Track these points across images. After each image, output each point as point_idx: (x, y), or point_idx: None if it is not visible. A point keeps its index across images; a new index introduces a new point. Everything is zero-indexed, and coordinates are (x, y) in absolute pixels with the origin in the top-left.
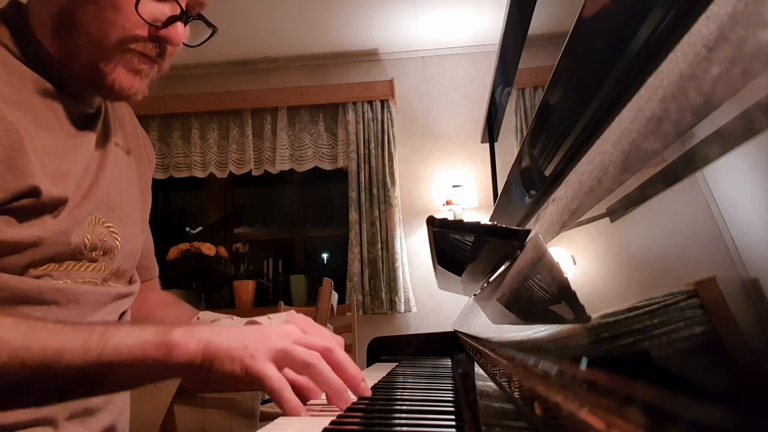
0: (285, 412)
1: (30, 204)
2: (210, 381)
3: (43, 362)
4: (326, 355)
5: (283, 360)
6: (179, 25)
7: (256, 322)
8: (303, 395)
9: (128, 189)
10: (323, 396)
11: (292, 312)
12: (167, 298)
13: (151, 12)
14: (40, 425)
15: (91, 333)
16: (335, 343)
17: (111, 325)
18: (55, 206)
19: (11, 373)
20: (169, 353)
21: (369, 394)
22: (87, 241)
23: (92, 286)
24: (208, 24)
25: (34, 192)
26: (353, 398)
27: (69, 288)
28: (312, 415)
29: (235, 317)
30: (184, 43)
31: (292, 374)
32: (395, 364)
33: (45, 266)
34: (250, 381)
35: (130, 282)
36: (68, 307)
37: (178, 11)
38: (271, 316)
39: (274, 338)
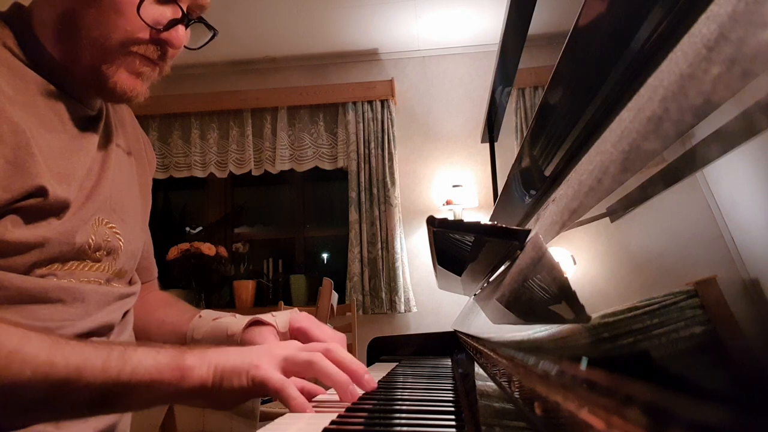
0: (291, 409)
1: (36, 204)
2: (222, 401)
3: (64, 379)
4: (327, 355)
5: (286, 366)
6: (180, 28)
7: (259, 320)
8: (308, 395)
9: (129, 190)
10: (322, 397)
11: (295, 310)
12: (167, 299)
13: (152, 15)
14: (42, 424)
15: (110, 353)
16: (337, 341)
17: (130, 346)
18: (60, 207)
19: (34, 389)
20: (183, 377)
21: (374, 385)
22: (91, 242)
23: (96, 286)
24: (209, 27)
25: (41, 192)
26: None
27: (74, 287)
28: (316, 411)
29: (237, 315)
30: (185, 46)
31: (298, 382)
32: (395, 364)
33: (49, 266)
34: (257, 390)
35: (131, 283)
36: (74, 305)
37: (179, 14)
38: (274, 313)
39: (277, 349)
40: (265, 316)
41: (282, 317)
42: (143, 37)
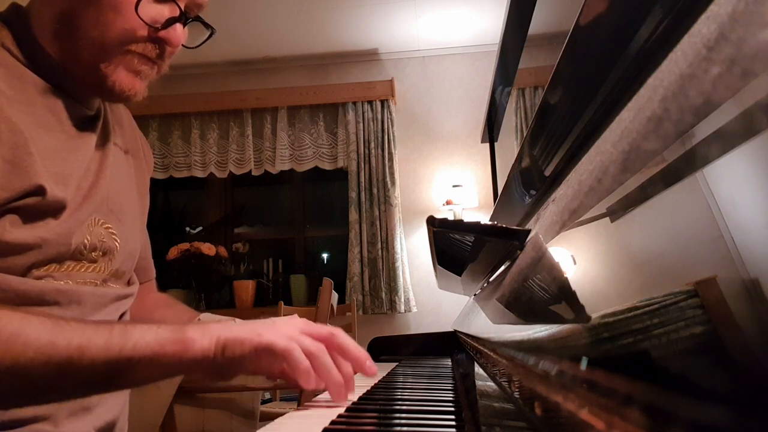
0: (296, 375)
1: (35, 203)
2: (226, 372)
3: (67, 359)
4: (330, 340)
5: None
6: (178, 26)
7: None
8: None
9: (127, 190)
10: (321, 397)
11: (295, 317)
12: (165, 300)
13: (150, 13)
14: (40, 422)
15: (112, 330)
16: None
17: (130, 323)
18: (57, 207)
19: (37, 370)
20: (185, 348)
21: (375, 371)
22: (86, 242)
23: (93, 287)
24: (206, 25)
25: (39, 191)
26: (352, 398)
27: (70, 289)
28: (316, 408)
29: (237, 319)
30: (183, 45)
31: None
32: (395, 364)
33: (47, 267)
34: (262, 356)
35: (129, 283)
36: (69, 307)
37: (177, 13)
38: (274, 319)
39: (282, 325)
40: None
41: None
42: (141, 35)
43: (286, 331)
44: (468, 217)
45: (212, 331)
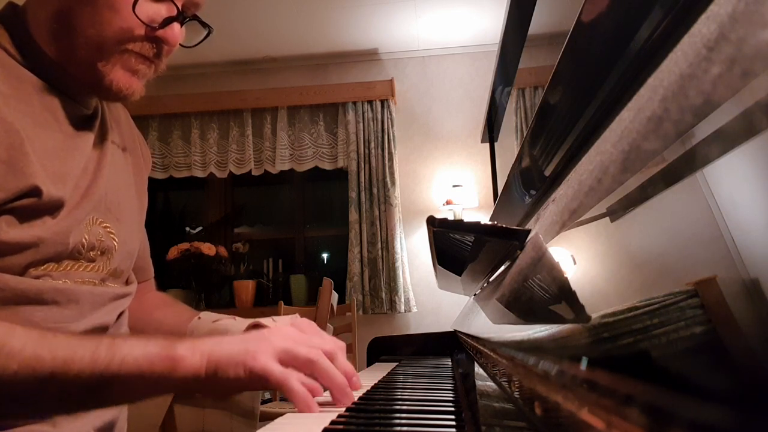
0: (294, 403)
1: (31, 204)
2: (218, 391)
3: (52, 372)
4: (325, 351)
5: (285, 359)
6: (176, 25)
7: (260, 324)
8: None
9: (125, 189)
10: (324, 394)
11: (297, 316)
12: (164, 299)
13: (147, 13)
14: (38, 422)
15: (99, 344)
16: (337, 347)
17: (119, 337)
18: (54, 207)
19: (21, 383)
20: (174, 367)
21: (360, 386)
22: (84, 241)
23: (91, 286)
24: (204, 25)
25: (35, 192)
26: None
27: (68, 288)
28: (319, 411)
29: (237, 317)
30: (180, 44)
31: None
32: (395, 364)
33: (44, 266)
34: (256, 382)
35: (127, 283)
36: (68, 306)
37: (174, 12)
38: (275, 318)
39: (275, 339)
40: (266, 320)
41: (283, 321)
42: (139, 34)
43: (281, 345)
44: (468, 217)
45: (203, 348)
